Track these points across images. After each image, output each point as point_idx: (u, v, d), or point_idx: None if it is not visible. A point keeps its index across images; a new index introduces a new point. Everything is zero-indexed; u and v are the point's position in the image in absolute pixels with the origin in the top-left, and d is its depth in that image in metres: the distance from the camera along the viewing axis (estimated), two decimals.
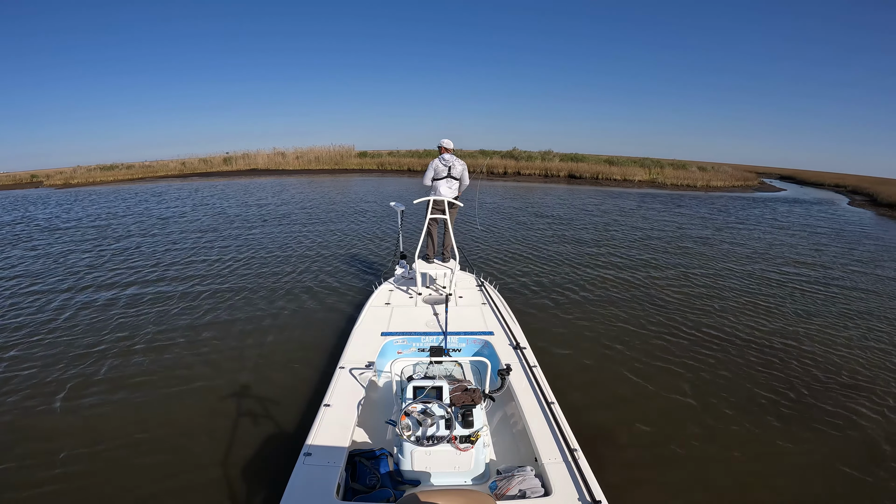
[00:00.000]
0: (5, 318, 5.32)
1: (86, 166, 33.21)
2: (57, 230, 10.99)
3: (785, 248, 9.59)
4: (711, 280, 7.04)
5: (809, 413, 3.57)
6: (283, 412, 3.38)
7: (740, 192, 23.26)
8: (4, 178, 32.84)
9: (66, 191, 22.83)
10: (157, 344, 4.58)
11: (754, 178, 29.05)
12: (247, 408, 3.46)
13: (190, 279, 6.68)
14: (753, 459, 3.01)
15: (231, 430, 3.21)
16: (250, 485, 2.68)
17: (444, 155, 4.67)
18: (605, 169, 26.22)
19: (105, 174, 29.81)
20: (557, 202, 15.98)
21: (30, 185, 29.07)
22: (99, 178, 29.06)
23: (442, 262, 4.78)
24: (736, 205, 17.24)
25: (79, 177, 29.11)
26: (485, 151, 31.97)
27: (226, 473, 2.79)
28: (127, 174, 30.24)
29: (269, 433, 3.15)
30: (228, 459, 2.90)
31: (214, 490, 2.67)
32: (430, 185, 4.75)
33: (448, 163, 4.64)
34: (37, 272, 7.22)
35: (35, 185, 28.84)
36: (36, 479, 2.78)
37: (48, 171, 34.03)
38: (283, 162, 31.09)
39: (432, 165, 4.66)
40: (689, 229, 11.40)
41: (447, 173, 4.65)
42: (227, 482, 2.72)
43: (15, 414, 3.46)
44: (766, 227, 12.39)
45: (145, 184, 25.32)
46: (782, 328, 5.21)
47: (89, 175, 29.48)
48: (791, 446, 3.17)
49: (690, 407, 3.59)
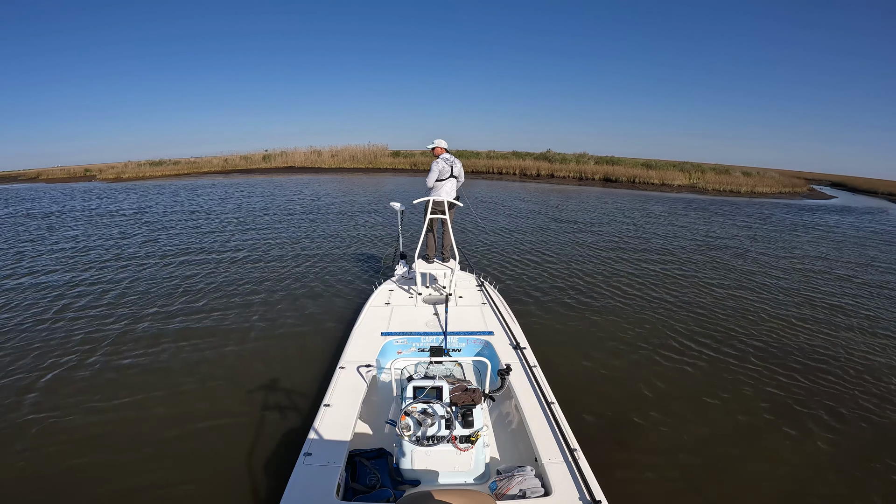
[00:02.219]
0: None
1: (136, 161, 34.81)
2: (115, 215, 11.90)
3: (825, 262, 8.63)
4: (728, 288, 7.00)
5: (812, 414, 3.57)
6: (282, 412, 3.38)
7: (787, 198, 22.17)
8: (59, 172, 34.57)
9: (121, 184, 24.26)
10: (156, 343, 4.57)
11: (803, 185, 27.41)
12: (246, 407, 3.46)
13: (195, 275, 6.69)
14: (755, 460, 3.01)
15: (230, 430, 3.20)
16: (250, 485, 2.68)
17: (445, 155, 4.68)
18: (642, 173, 25.33)
19: (153, 169, 31.18)
20: (581, 206, 15.55)
21: (83, 179, 30.31)
22: (148, 172, 30.46)
23: (442, 261, 4.78)
24: (779, 212, 16.19)
25: (129, 171, 30.48)
26: (517, 153, 31.58)
27: (225, 474, 2.78)
28: (174, 170, 31.41)
29: (268, 433, 3.14)
30: (228, 459, 2.90)
31: (213, 490, 2.66)
32: (433, 186, 4.74)
33: (450, 163, 4.66)
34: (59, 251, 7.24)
35: (88, 179, 29.97)
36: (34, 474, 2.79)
37: (100, 166, 35.53)
38: (318, 160, 31.54)
39: (437, 167, 4.65)
40: (719, 235, 10.81)
41: (450, 173, 4.66)
42: (226, 482, 2.71)
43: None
44: (810, 236, 11.39)
45: (190, 179, 26.41)
46: (783, 327, 5.21)
47: (139, 170, 30.90)
48: (793, 449, 3.16)
49: (692, 408, 3.59)
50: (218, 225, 11.10)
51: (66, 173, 34.04)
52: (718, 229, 11.81)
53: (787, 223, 13.53)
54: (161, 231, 10.39)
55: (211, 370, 4.06)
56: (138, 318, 5.24)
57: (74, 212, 13.98)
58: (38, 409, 3.49)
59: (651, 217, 13.50)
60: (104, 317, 5.28)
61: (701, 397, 3.72)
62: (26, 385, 3.82)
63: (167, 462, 2.90)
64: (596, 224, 11.81)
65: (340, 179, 23.76)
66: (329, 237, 9.50)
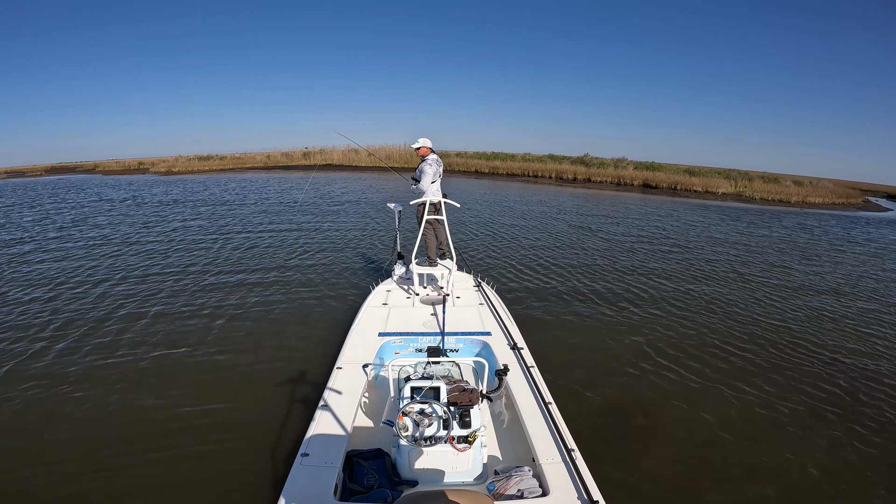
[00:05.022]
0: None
1: (186, 156, 36.75)
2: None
3: (869, 280, 7.81)
4: (732, 292, 7.02)
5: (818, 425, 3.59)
6: (279, 412, 3.36)
7: (841, 210, 20.94)
8: (115, 165, 37.39)
9: (175, 177, 26.14)
10: (152, 343, 4.54)
11: (858, 196, 25.80)
12: (243, 408, 3.44)
13: (203, 270, 6.66)
14: (755, 462, 3.03)
15: (227, 430, 3.19)
16: (247, 485, 2.67)
17: (433, 156, 4.62)
18: (684, 179, 24.30)
19: (202, 164, 33.05)
20: (604, 209, 15.13)
21: (138, 172, 32.64)
22: (196, 167, 32.33)
23: (439, 262, 4.78)
24: (828, 224, 15.08)
25: (179, 165, 32.58)
26: (554, 156, 30.91)
27: (222, 474, 2.77)
28: (220, 164, 33.36)
29: (265, 434, 3.13)
30: (225, 460, 2.89)
31: (211, 491, 2.65)
32: (427, 188, 4.71)
33: (439, 163, 4.63)
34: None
35: (142, 172, 32.17)
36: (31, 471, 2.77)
37: (153, 160, 37.73)
38: (356, 158, 31.71)
39: (431, 169, 4.55)
40: (756, 246, 10.16)
41: (440, 175, 4.65)
42: (223, 483, 2.70)
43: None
44: (856, 252, 10.40)
45: (235, 174, 27.92)
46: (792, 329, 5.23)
47: (189, 164, 32.88)
48: (795, 454, 3.16)
49: (690, 408, 3.60)
50: (232, 220, 11.40)
51: (121, 166, 36.77)
52: (732, 232, 11.70)
53: (839, 236, 12.53)
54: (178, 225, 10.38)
55: (206, 370, 4.04)
56: (136, 316, 5.22)
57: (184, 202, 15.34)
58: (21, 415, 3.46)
59: (680, 223, 13.07)
60: (101, 308, 5.25)
61: (702, 400, 3.73)
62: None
63: (163, 462, 2.88)
64: (608, 225, 11.79)
65: (376, 178, 24.08)
66: (333, 236, 9.48)
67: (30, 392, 3.70)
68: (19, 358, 4.26)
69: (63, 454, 2.98)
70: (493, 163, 29.56)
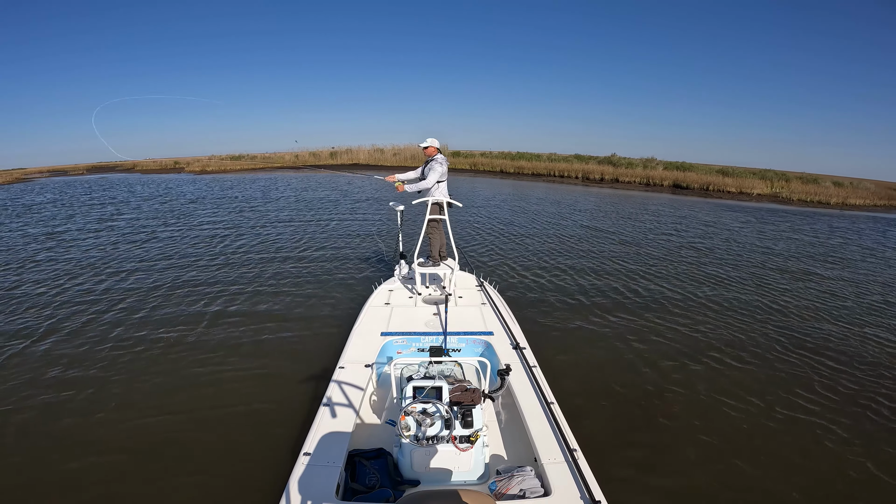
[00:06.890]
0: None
1: (219, 156, 38.97)
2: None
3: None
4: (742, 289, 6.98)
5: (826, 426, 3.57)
6: (281, 412, 3.37)
7: (884, 212, 19.62)
8: (152, 164, 39.59)
9: (209, 176, 27.42)
10: (155, 342, 4.57)
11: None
12: (245, 407, 3.46)
13: (211, 267, 6.70)
14: (758, 464, 3.01)
15: (229, 430, 3.20)
16: (249, 485, 2.68)
17: (440, 156, 4.63)
18: (716, 180, 23.32)
19: (234, 163, 34.60)
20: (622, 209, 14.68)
21: (173, 171, 34.36)
22: (228, 166, 33.86)
23: (441, 261, 4.78)
24: (869, 227, 14.07)
25: (213, 165, 34.26)
26: (580, 156, 30.48)
27: (224, 474, 2.78)
28: (251, 164, 35.00)
29: (267, 433, 3.14)
30: (227, 460, 2.90)
31: (213, 490, 2.66)
32: (431, 187, 4.71)
33: (446, 164, 4.64)
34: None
35: (178, 171, 33.80)
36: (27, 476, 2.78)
37: (188, 159, 39.58)
38: (381, 158, 32.11)
39: (437, 168, 4.55)
40: (781, 250, 9.58)
41: (446, 175, 4.67)
42: (225, 482, 2.71)
43: None
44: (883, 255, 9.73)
45: (265, 173, 28.81)
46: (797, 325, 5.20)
47: (221, 163, 34.60)
48: (802, 456, 3.14)
49: (692, 409, 3.58)
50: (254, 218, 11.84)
51: (157, 165, 39.00)
52: (751, 231, 11.42)
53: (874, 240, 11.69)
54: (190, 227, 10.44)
55: (208, 371, 4.05)
56: (133, 312, 5.24)
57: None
58: (26, 417, 3.49)
59: (692, 222, 12.68)
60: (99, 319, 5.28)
61: (705, 400, 3.71)
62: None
63: (165, 462, 2.89)
64: (624, 227, 11.62)
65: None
66: (337, 235, 9.50)
67: (24, 392, 3.73)
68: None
69: (63, 452, 2.99)
70: (519, 163, 29.36)
